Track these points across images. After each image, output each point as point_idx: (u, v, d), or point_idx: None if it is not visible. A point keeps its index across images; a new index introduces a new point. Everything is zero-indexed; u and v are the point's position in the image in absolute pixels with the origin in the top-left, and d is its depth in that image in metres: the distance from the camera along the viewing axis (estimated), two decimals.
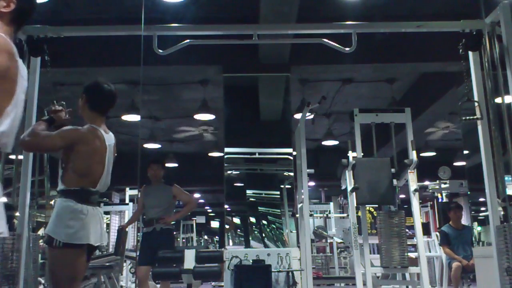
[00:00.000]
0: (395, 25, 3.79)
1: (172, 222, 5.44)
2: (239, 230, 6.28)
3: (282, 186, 6.33)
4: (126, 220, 8.95)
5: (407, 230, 4.75)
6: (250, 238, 6.05)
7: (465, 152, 6.06)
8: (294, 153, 6.03)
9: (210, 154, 11.18)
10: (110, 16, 5.54)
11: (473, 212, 7.85)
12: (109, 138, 2.90)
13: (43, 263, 5.83)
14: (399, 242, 4.50)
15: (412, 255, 5.47)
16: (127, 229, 5.78)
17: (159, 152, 10.86)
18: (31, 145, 2.71)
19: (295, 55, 6.15)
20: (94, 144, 2.75)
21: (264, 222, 6.19)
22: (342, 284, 8.73)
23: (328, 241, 10.12)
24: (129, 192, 11.00)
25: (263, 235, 6.10)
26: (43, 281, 5.65)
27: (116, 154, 2.97)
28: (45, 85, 3.38)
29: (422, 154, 9.92)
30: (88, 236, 2.64)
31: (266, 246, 5.97)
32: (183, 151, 11.87)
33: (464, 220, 7.66)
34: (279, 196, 6.27)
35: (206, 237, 23.03)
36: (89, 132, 2.78)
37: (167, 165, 10.86)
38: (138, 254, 5.35)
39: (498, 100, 3.22)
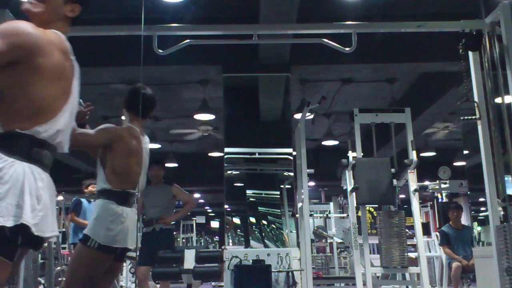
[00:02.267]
0: (395, 25, 3.80)
1: (172, 222, 5.44)
2: (239, 230, 6.28)
3: (282, 186, 6.33)
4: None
5: (407, 230, 4.75)
6: (250, 238, 6.06)
7: (465, 152, 6.07)
8: (294, 153, 6.03)
9: (210, 154, 11.19)
10: (110, 16, 5.55)
11: (473, 212, 7.85)
12: (145, 141, 2.91)
13: (43, 263, 5.83)
14: (399, 242, 4.50)
15: (412, 255, 5.47)
16: None
17: (159, 153, 10.86)
18: (74, 142, 2.68)
19: (295, 55, 6.16)
20: (131, 144, 2.75)
21: (264, 222, 6.19)
22: (342, 284, 8.73)
23: (328, 241, 10.12)
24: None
25: (263, 235, 6.10)
26: (43, 281, 5.65)
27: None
28: None
29: (422, 154, 9.92)
30: (126, 239, 2.65)
31: (266, 246, 5.98)
32: (183, 151, 11.88)
33: (464, 220, 7.67)
34: (279, 196, 6.27)
35: (206, 237, 23.03)
36: (126, 131, 2.78)
37: (167, 165, 10.90)
38: (138, 254, 5.35)
39: (498, 100, 3.23)
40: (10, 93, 1.63)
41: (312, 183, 12.06)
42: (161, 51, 3.41)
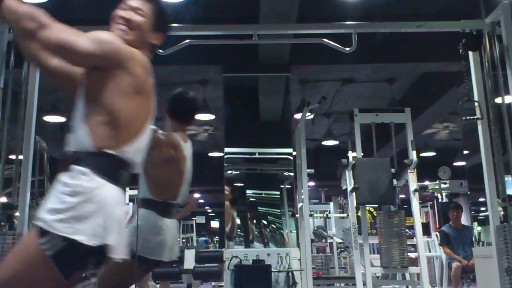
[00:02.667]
0: (395, 25, 3.79)
1: None
2: (239, 230, 6.28)
3: (282, 186, 6.33)
4: (126, 220, 8.93)
5: (407, 230, 4.75)
6: (250, 238, 6.05)
7: (465, 152, 6.07)
8: (294, 153, 6.03)
9: (210, 154, 11.18)
10: (110, 16, 5.54)
11: (473, 212, 7.85)
12: (188, 148, 2.80)
13: None
14: (399, 242, 4.51)
15: (412, 255, 5.47)
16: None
17: None
18: None
19: (295, 55, 6.15)
20: (170, 153, 2.64)
21: (264, 222, 6.18)
22: (342, 284, 8.73)
23: (328, 241, 10.12)
24: (129, 192, 10.99)
25: (263, 235, 6.10)
26: None
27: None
28: (45, 85, 3.37)
29: (422, 154, 9.92)
30: (162, 252, 2.55)
31: (266, 246, 5.97)
32: None
33: (464, 220, 7.67)
34: (279, 196, 6.27)
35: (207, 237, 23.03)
36: (165, 140, 2.64)
37: None
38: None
39: (498, 100, 3.23)
40: (94, 106, 1.64)
41: (312, 183, 12.05)
42: (161, 51, 3.40)
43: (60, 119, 8.08)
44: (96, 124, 1.62)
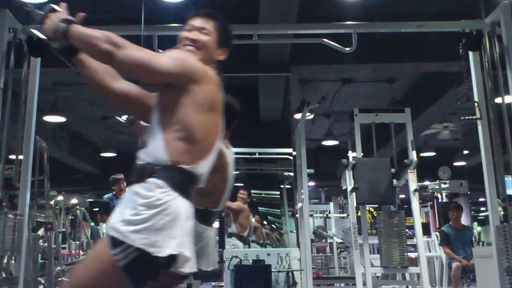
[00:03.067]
0: (395, 25, 3.79)
1: None
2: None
3: (282, 186, 6.34)
4: None
5: (407, 230, 4.75)
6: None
7: (465, 152, 6.07)
8: (294, 153, 6.03)
9: None
10: (110, 16, 5.54)
11: (473, 212, 7.86)
12: (230, 154, 2.75)
13: (43, 263, 5.82)
14: (399, 242, 4.51)
15: (412, 255, 5.47)
16: None
17: None
18: None
19: (295, 55, 6.15)
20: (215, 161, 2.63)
21: (264, 222, 6.19)
22: (342, 284, 8.73)
23: (328, 241, 10.12)
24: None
25: (264, 235, 6.10)
26: (43, 281, 5.65)
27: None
28: (45, 85, 3.38)
29: (422, 154, 9.92)
30: (202, 261, 2.49)
31: (266, 246, 5.97)
32: None
33: (464, 220, 7.66)
34: (279, 196, 6.28)
35: None
36: None
37: None
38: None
39: (498, 100, 3.22)
40: (170, 121, 1.67)
41: (312, 183, 12.05)
42: (161, 51, 3.40)
43: (60, 119, 8.08)
44: (172, 139, 1.65)
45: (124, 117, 2.84)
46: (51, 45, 1.75)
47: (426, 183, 8.35)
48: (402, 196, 6.39)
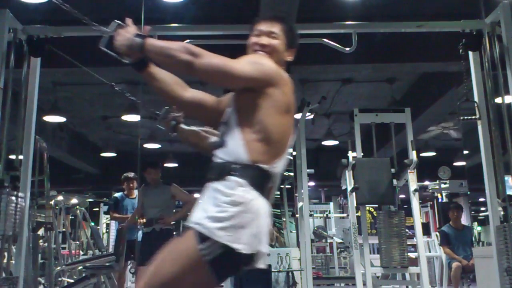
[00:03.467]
0: (395, 25, 3.79)
1: (172, 222, 5.43)
2: None
3: (282, 186, 6.33)
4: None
5: (407, 230, 4.75)
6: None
7: (465, 152, 6.06)
8: (294, 153, 6.03)
9: None
10: (110, 16, 5.54)
11: (473, 212, 7.86)
12: None
13: (43, 263, 5.83)
14: (399, 242, 4.50)
15: (412, 255, 5.47)
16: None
17: (160, 153, 10.86)
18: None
19: (295, 55, 6.15)
20: None
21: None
22: (342, 284, 8.73)
23: (328, 241, 10.12)
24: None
25: None
26: (43, 281, 5.65)
27: None
28: (45, 85, 3.38)
29: (422, 154, 9.92)
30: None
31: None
32: (183, 151, 11.86)
33: (464, 220, 7.66)
34: (279, 196, 6.27)
35: None
36: None
37: (167, 165, 10.90)
38: (137, 254, 5.34)
39: (498, 100, 3.23)
40: (249, 122, 1.73)
41: (312, 183, 12.05)
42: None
43: (60, 119, 8.08)
44: (251, 139, 1.71)
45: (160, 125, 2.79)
46: (122, 61, 1.82)
47: (426, 183, 8.35)
48: (402, 196, 6.39)
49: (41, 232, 6.37)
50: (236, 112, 1.77)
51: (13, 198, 2.96)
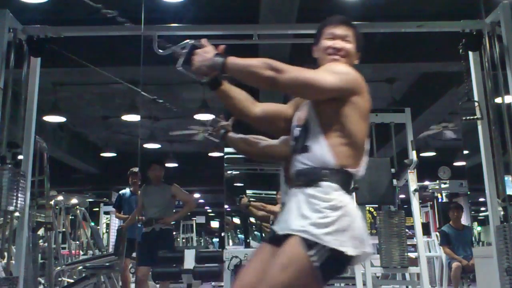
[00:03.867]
0: (395, 25, 3.79)
1: (172, 222, 5.44)
2: (238, 230, 6.28)
3: None
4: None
5: (407, 230, 4.74)
6: (250, 238, 6.05)
7: (465, 152, 6.06)
8: None
9: (210, 154, 11.18)
10: (110, 16, 5.54)
11: (473, 212, 7.86)
12: None
13: (43, 263, 5.83)
14: (399, 242, 4.50)
15: (412, 255, 5.47)
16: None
17: (159, 152, 10.86)
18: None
19: (295, 55, 6.15)
20: None
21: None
22: (342, 284, 8.70)
23: None
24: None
25: (263, 235, 6.09)
26: (43, 281, 5.65)
27: None
28: (45, 85, 3.38)
29: (422, 154, 9.92)
30: None
31: None
32: (183, 151, 11.87)
33: (464, 220, 7.66)
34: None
35: (206, 237, 23.02)
36: None
37: (167, 165, 10.89)
38: (137, 254, 5.35)
39: (498, 100, 3.22)
40: (333, 129, 1.77)
41: None
42: (161, 51, 3.40)
43: (60, 119, 8.08)
44: (336, 144, 1.76)
45: (205, 134, 2.79)
46: (199, 81, 1.90)
47: (426, 183, 8.34)
48: (402, 196, 6.38)
49: (41, 232, 6.37)
50: (318, 117, 1.80)
51: (16, 174, 2.97)
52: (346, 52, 1.90)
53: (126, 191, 6.32)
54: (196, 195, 16.29)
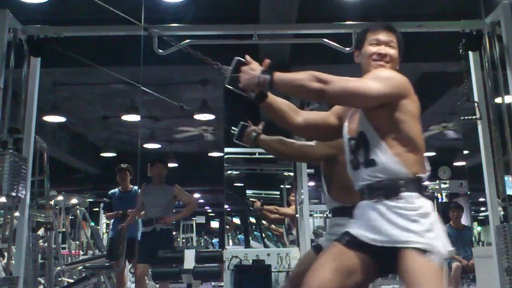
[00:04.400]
0: (395, 25, 3.76)
1: (173, 223, 5.43)
2: (238, 231, 6.28)
3: (282, 186, 6.32)
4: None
5: None
6: (250, 238, 6.05)
7: (465, 152, 6.07)
8: None
9: (210, 154, 11.19)
10: (110, 16, 5.54)
11: (473, 212, 7.85)
12: None
13: (43, 263, 5.83)
14: None
15: None
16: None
17: (159, 152, 10.87)
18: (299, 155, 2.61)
19: (295, 55, 6.15)
20: None
21: (264, 222, 6.18)
22: None
23: None
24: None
25: (263, 235, 6.10)
26: (43, 281, 5.65)
27: None
28: (45, 85, 3.38)
29: None
30: None
31: (266, 246, 5.97)
32: (183, 151, 11.87)
33: (464, 220, 7.66)
34: (279, 196, 6.26)
35: (206, 237, 23.02)
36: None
37: None
38: (137, 253, 5.34)
39: (498, 100, 3.23)
40: (393, 136, 1.79)
41: (312, 183, 12.05)
42: (161, 51, 3.40)
43: (60, 119, 8.08)
44: (402, 153, 1.78)
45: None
46: (248, 96, 1.95)
47: (426, 183, 8.33)
48: None
49: (41, 232, 6.37)
50: (373, 127, 1.81)
51: (17, 158, 2.98)
52: (390, 58, 1.94)
53: (115, 190, 6.31)
54: (196, 195, 16.29)
